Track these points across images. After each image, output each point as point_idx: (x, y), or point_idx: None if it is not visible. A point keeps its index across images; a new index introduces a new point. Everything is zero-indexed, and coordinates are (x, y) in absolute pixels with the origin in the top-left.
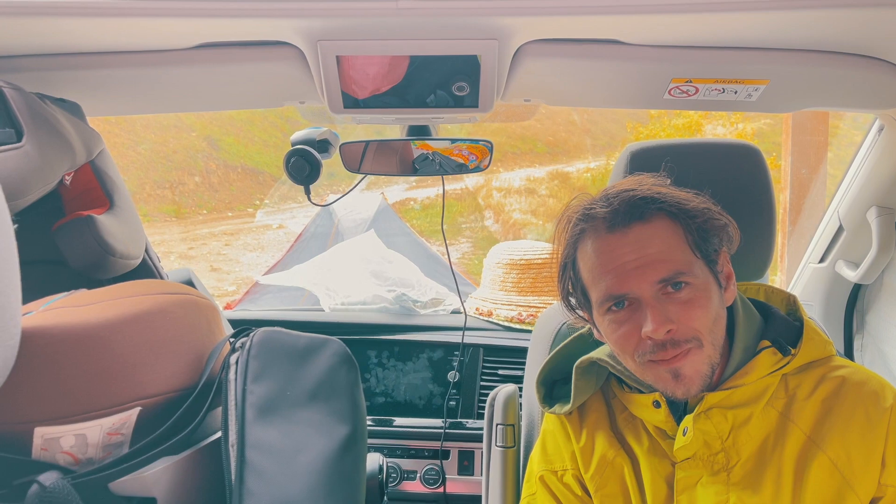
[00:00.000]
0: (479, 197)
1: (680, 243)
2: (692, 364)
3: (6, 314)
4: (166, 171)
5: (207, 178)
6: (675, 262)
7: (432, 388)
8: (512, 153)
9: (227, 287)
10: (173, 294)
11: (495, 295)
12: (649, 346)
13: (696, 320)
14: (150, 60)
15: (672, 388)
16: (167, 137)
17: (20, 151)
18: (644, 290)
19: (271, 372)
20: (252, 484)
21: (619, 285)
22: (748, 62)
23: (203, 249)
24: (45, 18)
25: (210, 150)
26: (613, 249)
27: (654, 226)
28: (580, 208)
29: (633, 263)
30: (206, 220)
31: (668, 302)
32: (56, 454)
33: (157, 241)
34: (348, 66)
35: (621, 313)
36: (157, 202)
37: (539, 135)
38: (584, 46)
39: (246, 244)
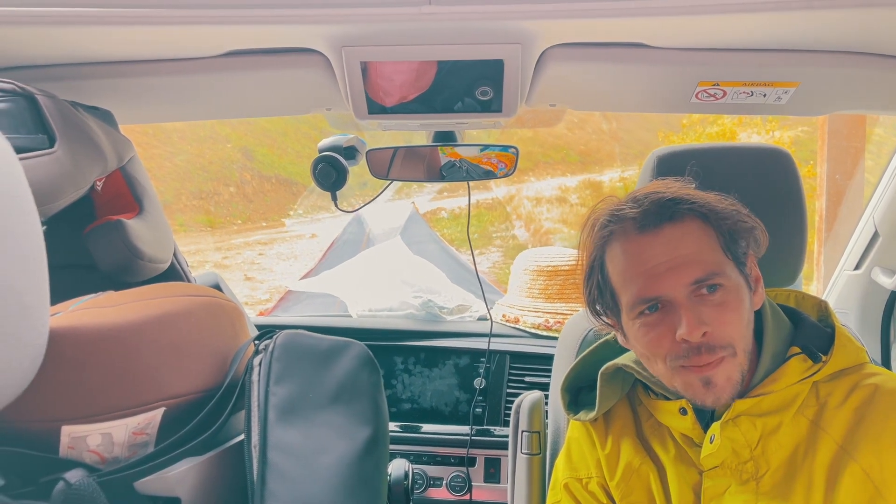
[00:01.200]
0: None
1: (712, 244)
2: (724, 372)
3: (35, 314)
4: (202, 181)
5: (242, 188)
6: (708, 263)
7: (458, 394)
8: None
9: (261, 296)
10: (198, 296)
11: (522, 301)
12: (682, 350)
13: (730, 325)
14: (179, 68)
15: (702, 396)
16: (203, 149)
17: (52, 157)
18: (678, 291)
19: (293, 374)
20: (274, 485)
21: (651, 287)
22: (777, 64)
23: (237, 259)
24: (79, 28)
25: (245, 161)
26: (645, 251)
27: (685, 226)
28: (608, 210)
29: (666, 265)
30: (240, 229)
31: (702, 304)
32: (83, 453)
33: (193, 251)
34: (376, 75)
35: (653, 316)
36: (192, 212)
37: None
38: (609, 50)
39: (279, 253)
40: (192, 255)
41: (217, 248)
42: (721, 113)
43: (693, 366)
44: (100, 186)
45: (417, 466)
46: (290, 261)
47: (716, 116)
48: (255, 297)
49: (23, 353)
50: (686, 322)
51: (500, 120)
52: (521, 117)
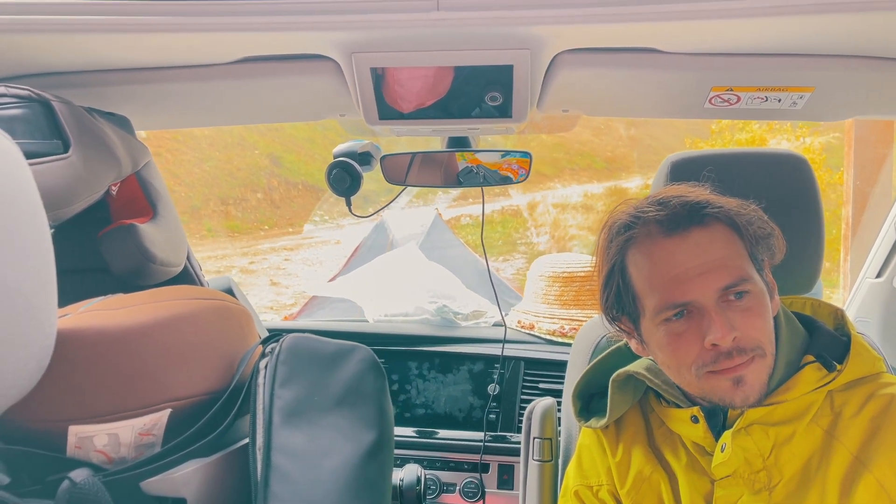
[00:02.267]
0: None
1: (739, 249)
2: (755, 372)
3: (42, 315)
4: (230, 187)
5: (269, 194)
6: (737, 269)
7: (472, 400)
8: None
9: (286, 300)
10: (206, 299)
11: (538, 308)
12: (711, 357)
13: (758, 329)
14: (194, 75)
15: (731, 396)
16: (231, 155)
17: (66, 162)
18: (707, 297)
19: (299, 377)
20: (277, 487)
21: (681, 293)
22: (791, 69)
23: (263, 264)
24: (97, 35)
25: (272, 168)
26: (672, 255)
27: (713, 231)
28: (630, 212)
29: (696, 270)
30: (267, 235)
31: (730, 310)
32: (90, 452)
33: (220, 256)
34: (393, 81)
35: (679, 323)
36: (220, 218)
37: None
38: (621, 56)
39: (305, 259)
40: (219, 259)
41: (244, 254)
42: (735, 118)
43: (723, 369)
44: (115, 191)
45: (431, 472)
46: (315, 266)
47: (745, 123)
48: (281, 303)
49: (29, 354)
50: (718, 327)
51: (511, 125)
52: (537, 122)
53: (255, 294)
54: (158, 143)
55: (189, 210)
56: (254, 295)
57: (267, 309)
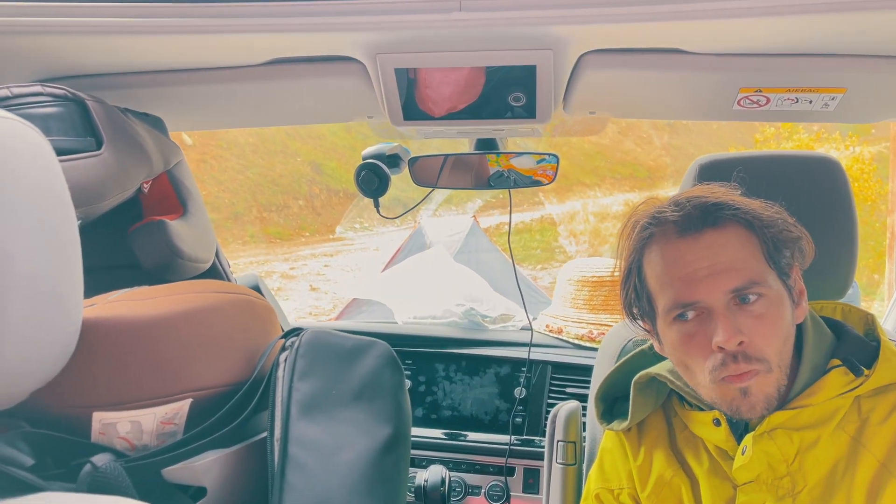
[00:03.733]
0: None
1: (754, 252)
2: (760, 385)
3: (68, 303)
4: (273, 194)
5: (311, 201)
6: (749, 272)
7: (499, 403)
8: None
9: (325, 305)
10: (229, 293)
11: (566, 312)
12: (720, 359)
13: (767, 337)
14: (225, 76)
15: (738, 405)
16: (274, 162)
17: (99, 159)
18: (715, 298)
19: (317, 370)
20: (293, 478)
21: (689, 293)
22: (822, 69)
23: (304, 269)
24: (131, 37)
25: (314, 175)
26: (684, 255)
27: (727, 232)
28: (648, 212)
29: (705, 271)
30: (308, 241)
31: (740, 314)
32: (113, 439)
33: (262, 261)
34: (424, 85)
35: (689, 324)
36: (263, 224)
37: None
38: (646, 57)
39: (344, 265)
40: (260, 265)
41: (285, 259)
42: (765, 120)
43: (731, 375)
44: (146, 189)
45: (456, 474)
46: (354, 272)
47: (791, 132)
48: (320, 308)
49: (55, 339)
50: (722, 329)
51: (536, 127)
52: (567, 125)
53: (294, 299)
54: (204, 150)
55: (232, 216)
56: (294, 300)
57: (306, 315)
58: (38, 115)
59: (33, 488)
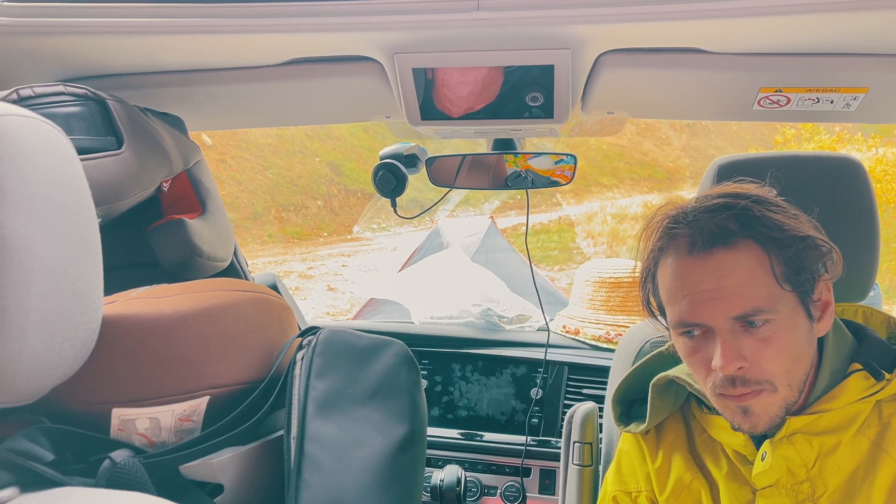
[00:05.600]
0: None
1: (765, 275)
2: (762, 404)
3: (88, 299)
4: (291, 194)
5: (329, 202)
6: (754, 298)
7: (515, 404)
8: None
9: (343, 305)
10: (246, 292)
11: (583, 313)
12: (719, 379)
13: (772, 361)
14: (244, 76)
15: (739, 422)
16: (293, 163)
17: (119, 158)
18: (718, 322)
19: (334, 369)
20: (308, 475)
21: (692, 314)
22: (843, 69)
23: (321, 269)
24: (152, 37)
25: (332, 176)
26: (691, 274)
27: (738, 253)
28: (664, 223)
29: (710, 294)
30: (326, 241)
31: (744, 336)
32: (132, 435)
33: (280, 261)
34: (443, 85)
35: (694, 340)
36: (281, 224)
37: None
38: (665, 56)
39: (362, 265)
40: (278, 264)
41: (303, 259)
42: (786, 121)
43: (729, 395)
44: (166, 188)
45: (472, 474)
46: (372, 273)
47: (812, 132)
48: (338, 307)
49: (75, 335)
50: (721, 354)
51: (554, 127)
52: (585, 125)
53: (312, 299)
54: (223, 151)
55: (251, 216)
56: (311, 300)
57: (324, 314)
58: (60, 115)
59: (53, 483)
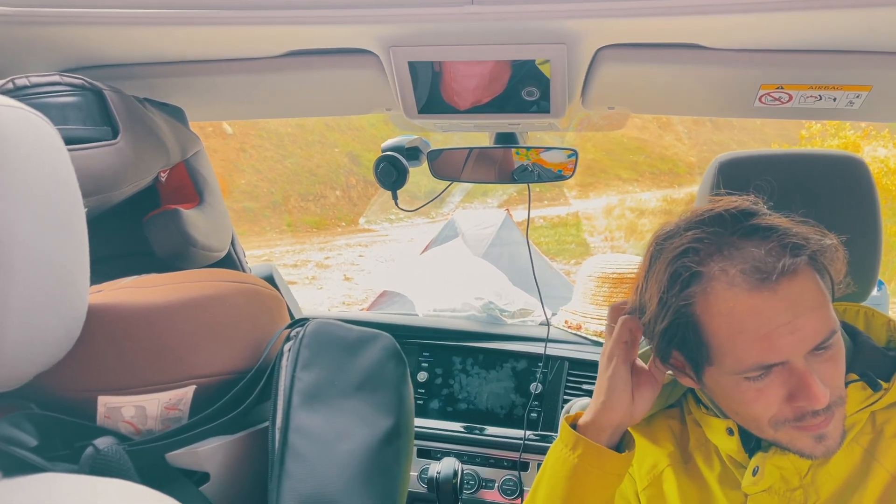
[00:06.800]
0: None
1: (824, 294)
2: (835, 426)
3: (73, 289)
4: (310, 184)
5: (347, 192)
6: (829, 321)
7: (514, 398)
8: (650, 173)
9: (359, 295)
10: (235, 283)
11: (586, 308)
12: (794, 415)
13: (840, 377)
14: (243, 68)
15: (811, 450)
16: (312, 152)
17: (115, 147)
18: (799, 355)
19: (320, 361)
20: (291, 466)
21: (772, 354)
22: (845, 66)
23: (338, 259)
24: (152, 28)
25: (351, 166)
26: (763, 311)
27: (802, 279)
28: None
29: (789, 327)
30: (343, 232)
31: (816, 363)
32: (118, 423)
33: (297, 250)
34: (450, 78)
35: (764, 381)
36: (300, 213)
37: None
38: (665, 52)
39: (378, 256)
40: (296, 253)
41: (320, 249)
42: (788, 118)
43: (807, 426)
44: (164, 178)
45: (470, 467)
46: (388, 263)
47: (837, 129)
48: (353, 297)
49: (58, 324)
50: (816, 392)
51: (551, 121)
52: (592, 120)
53: (329, 288)
54: (243, 140)
55: (270, 205)
56: (328, 289)
57: (340, 304)
58: (55, 104)
59: (36, 468)
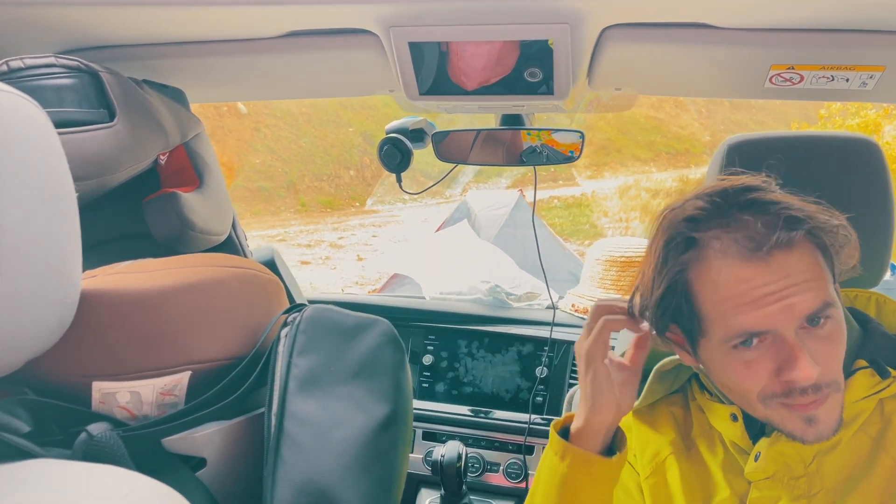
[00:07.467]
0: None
1: (823, 268)
2: (828, 410)
3: (63, 275)
4: (324, 164)
5: (361, 172)
6: (822, 293)
7: (520, 381)
8: (666, 153)
9: (371, 276)
10: (232, 267)
11: (593, 292)
12: (782, 390)
13: (836, 359)
14: (243, 49)
15: (802, 433)
16: (326, 132)
17: (111, 130)
18: (788, 326)
19: (317, 347)
20: (286, 452)
21: (760, 321)
22: (858, 46)
23: (352, 239)
24: (148, 8)
25: (365, 146)
26: (752, 278)
27: (796, 251)
28: (692, 226)
29: (777, 296)
30: (357, 212)
31: (809, 339)
32: (113, 408)
33: (311, 230)
34: (457, 58)
35: (751, 352)
36: (314, 193)
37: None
38: (672, 31)
39: (391, 236)
40: (310, 233)
41: (334, 229)
42: (799, 99)
43: (795, 404)
44: (164, 160)
45: (475, 450)
46: (401, 243)
47: (858, 108)
48: (366, 278)
49: (49, 311)
50: (802, 365)
51: (555, 102)
52: (602, 101)
53: (342, 268)
54: (258, 119)
55: (285, 185)
56: (341, 269)
57: (352, 283)
58: (50, 87)
59: (28, 455)
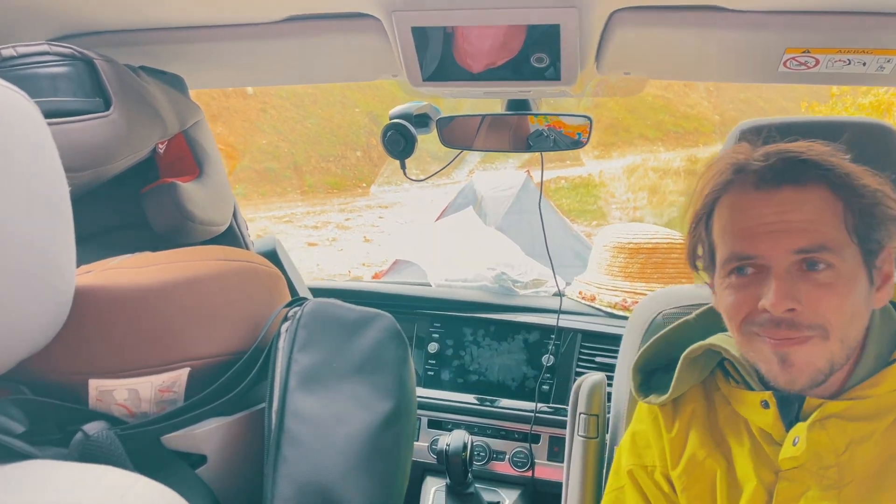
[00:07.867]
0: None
1: (835, 219)
2: (806, 354)
3: (57, 272)
4: (331, 145)
5: (368, 152)
6: (822, 235)
7: (526, 370)
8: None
9: (378, 257)
10: (231, 261)
11: (600, 279)
12: (760, 319)
13: (828, 307)
14: (242, 34)
15: (775, 374)
16: (333, 113)
17: (107, 119)
18: (776, 257)
19: (318, 342)
20: (287, 451)
21: (748, 245)
22: (874, 29)
23: (358, 220)
24: None
25: (372, 126)
26: (753, 207)
27: (808, 192)
28: (732, 160)
29: (770, 227)
30: (364, 193)
31: (802, 280)
32: (111, 406)
33: (318, 212)
34: (463, 40)
35: (743, 279)
36: (321, 174)
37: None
38: (682, 14)
39: (398, 217)
40: (317, 215)
41: (341, 210)
42: (815, 83)
43: (768, 336)
44: (162, 149)
45: (481, 439)
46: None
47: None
48: (372, 260)
49: (43, 309)
50: (774, 292)
51: (562, 88)
52: (609, 84)
53: (348, 250)
54: (264, 100)
55: (292, 166)
56: (347, 251)
57: (359, 265)
58: (44, 75)
59: (23, 455)
